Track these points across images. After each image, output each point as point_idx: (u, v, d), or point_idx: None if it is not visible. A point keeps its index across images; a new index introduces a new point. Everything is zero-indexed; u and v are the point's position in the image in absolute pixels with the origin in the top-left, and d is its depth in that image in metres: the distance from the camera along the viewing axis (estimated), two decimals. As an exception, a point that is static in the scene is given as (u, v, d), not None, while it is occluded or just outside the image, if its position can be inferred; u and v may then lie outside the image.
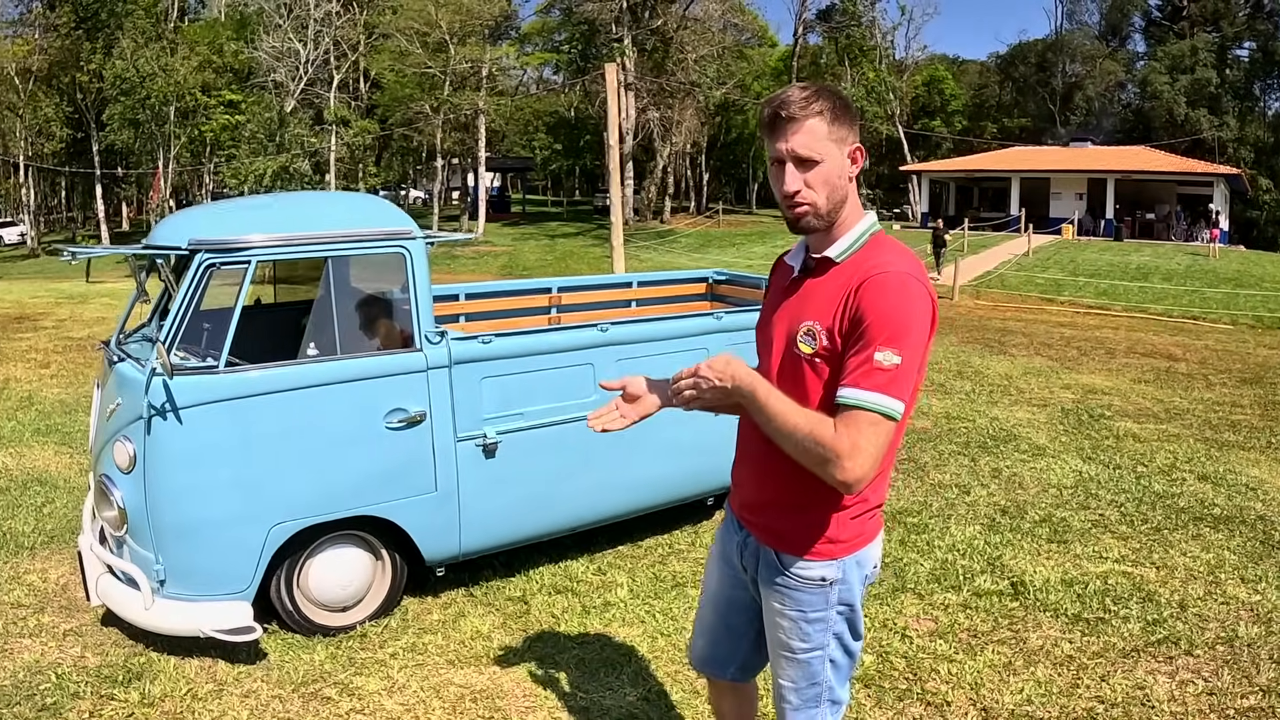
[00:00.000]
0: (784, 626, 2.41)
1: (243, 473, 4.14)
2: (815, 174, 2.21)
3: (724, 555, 2.62)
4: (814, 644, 2.40)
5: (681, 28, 46.68)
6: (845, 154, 2.23)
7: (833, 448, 2.07)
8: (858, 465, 2.07)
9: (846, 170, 2.25)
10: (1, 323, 16.28)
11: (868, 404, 2.08)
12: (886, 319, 2.10)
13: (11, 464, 7.43)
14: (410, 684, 4.06)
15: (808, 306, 2.28)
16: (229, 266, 4.26)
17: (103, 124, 45.95)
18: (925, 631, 4.49)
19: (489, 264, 35.67)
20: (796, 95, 2.20)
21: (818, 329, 2.22)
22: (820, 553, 2.34)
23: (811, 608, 2.38)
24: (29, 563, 5.42)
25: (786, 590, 2.38)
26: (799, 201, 2.22)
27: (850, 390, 2.10)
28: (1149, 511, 6.17)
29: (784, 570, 2.37)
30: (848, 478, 2.09)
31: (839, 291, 2.21)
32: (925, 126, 59.70)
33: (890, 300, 2.12)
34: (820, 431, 2.09)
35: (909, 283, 2.15)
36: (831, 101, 2.20)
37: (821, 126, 2.19)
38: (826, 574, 2.35)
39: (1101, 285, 24.43)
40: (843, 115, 2.22)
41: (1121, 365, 12.15)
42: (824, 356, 2.21)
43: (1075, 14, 70.85)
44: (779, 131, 2.20)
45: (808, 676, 2.44)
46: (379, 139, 48.70)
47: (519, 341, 4.78)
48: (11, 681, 4.10)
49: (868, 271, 2.17)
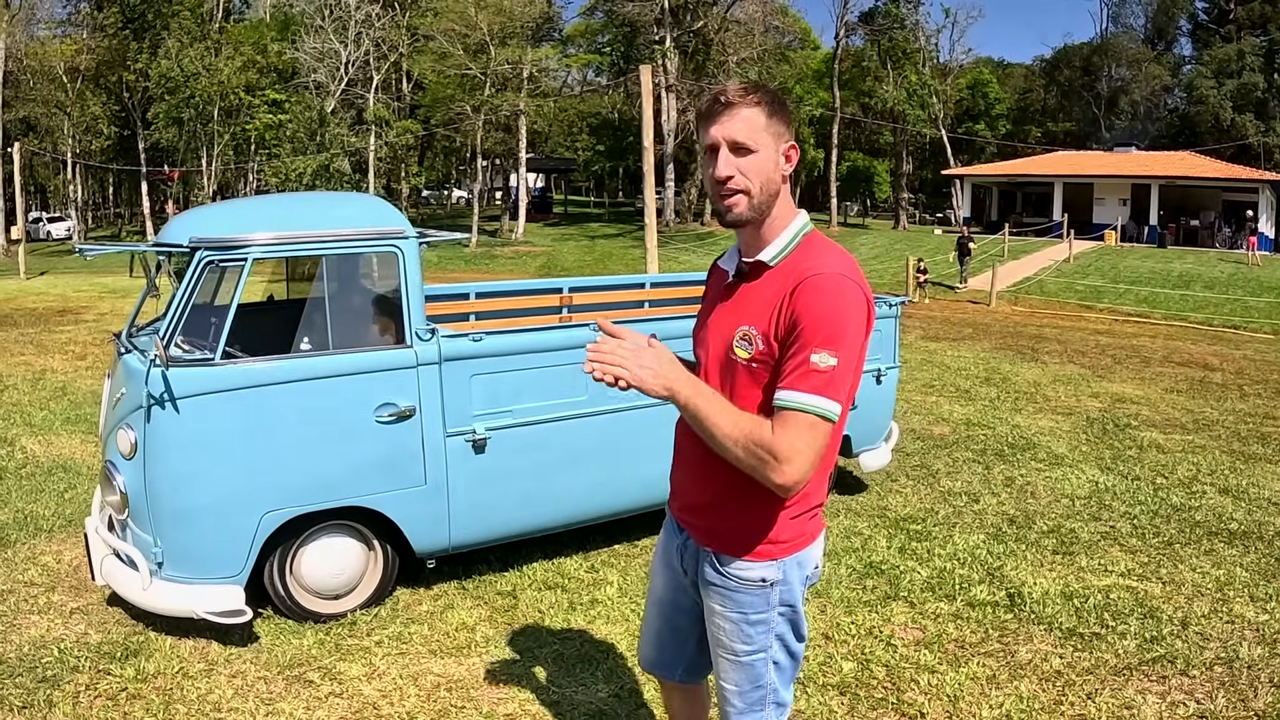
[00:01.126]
0: (725, 629, 2.39)
1: (236, 461, 4.25)
2: (749, 162, 2.19)
3: (666, 558, 2.61)
4: (756, 646, 2.38)
5: (723, 30, 46.64)
6: (780, 150, 2.22)
7: (771, 450, 2.07)
8: (796, 468, 2.07)
9: (780, 166, 2.23)
10: (45, 315, 16.66)
11: (805, 406, 2.07)
12: (821, 321, 2.09)
13: (39, 450, 7.62)
14: (390, 671, 4.14)
15: (743, 311, 2.26)
16: (227, 263, 4.38)
17: (148, 122, 46.77)
18: (911, 640, 4.45)
19: (528, 264, 35.89)
20: (735, 86, 2.19)
21: (754, 334, 2.21)
22: (761, 554, 2.32)
23: (753, 609, 2.36)
24: (46, 544, 5.59)
25: (727, 592, 2.36)
26: (732, 189, 2.20)
27: (787, 393, 2.09)
28: (1162, 525, 6.07)
29: (724, 572, 2.35)
30: (786, 480, 2.08)
31: (774, 296, 2.19)
32: (969, 130, 59.20)
33: (825, 302, 2.11)
34: (758, 434, 2.09)
35: (844, 284, 2.14)
36: (770, 95, 2.20)
37: (759, 117, 2.18)
38: (767, 575, 2.33)
39: (1142, 293, 24.12)
40: (780, 111, 2.21)
41: (1155, 374, 12.00)
42: (760, 361, 2.20)
43: (1121, 17, 70.08)
44: (715, 118, 2.19)
45: (751, 679, 2.42)
46: (421, 139, 49.10)
47: (509, 340, 4.83)
48: (17, 654, 4.26)
49: (802, 274, 2.16)
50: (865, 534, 5.86)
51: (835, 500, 6.52)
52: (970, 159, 57.93)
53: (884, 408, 6.45)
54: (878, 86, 52.60)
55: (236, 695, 3.94)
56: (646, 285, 7.40)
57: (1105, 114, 64.43)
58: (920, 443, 8.14)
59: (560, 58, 53.22)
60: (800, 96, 55.67)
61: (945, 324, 17.66)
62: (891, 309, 6.37)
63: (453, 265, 34.21)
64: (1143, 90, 63.86)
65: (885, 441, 6.57)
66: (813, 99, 56.32)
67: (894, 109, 51.41)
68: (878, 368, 6.27)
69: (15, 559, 5.36)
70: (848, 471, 7.01)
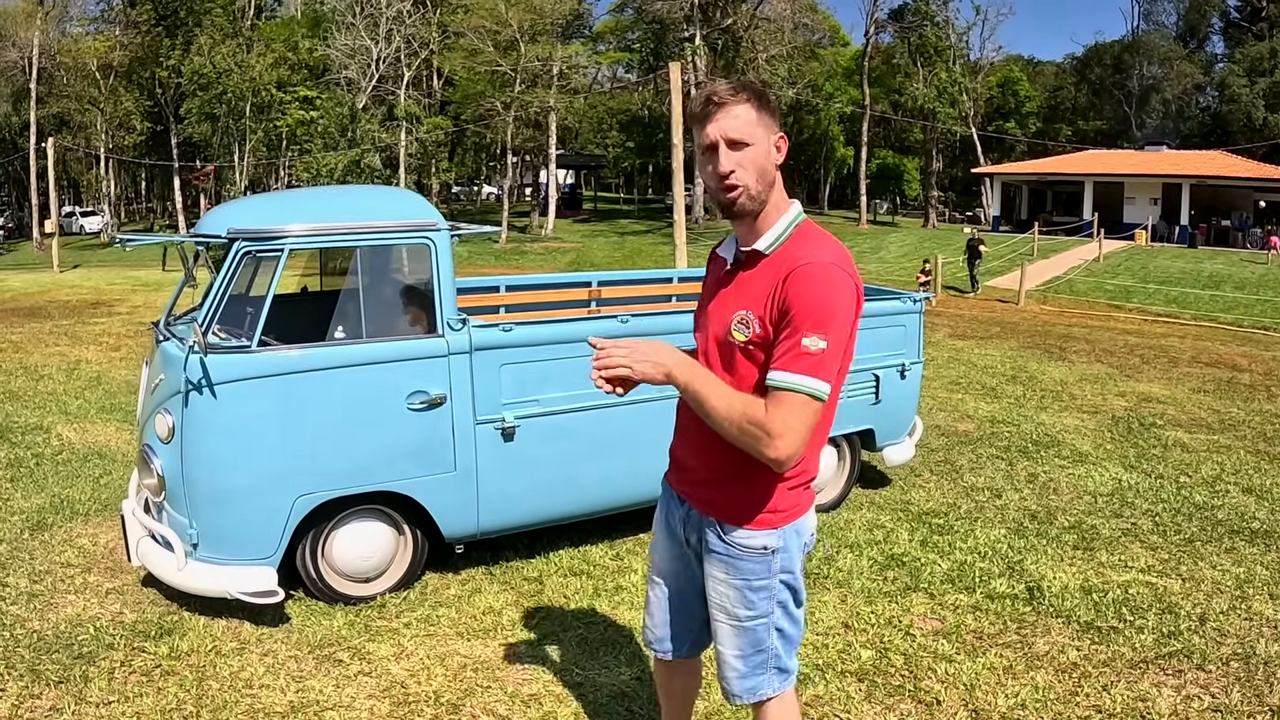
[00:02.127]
0: (729, 595, 2.52)
1: (271, 445, 4.37)
2: (746, 155, 2.32)
3: (668, 530, 2.73)
4: (759, 611, 2.52)
5: (752, 27, 46.59)
6: (771, 142, 2.36)
7: (764, 427, 2.21)
8: (788, 443, 2.21)
9: (773, 157, 2.37)
10: (79, 308, 16.93)
11: (796, 386, 2.21)
12: (812, 307, 2.22)
13: (75, 438, 7.79)
14: (418, 652, 4.24)
15: (741, 297, 2.39)
16: (264, 254, 4.51)
17: (181, 118, 47.24)
18: (930, 630, 4.51)
19: (557, 259, 36.04)
20: (724, 86, 2.33)
21: (751, 318, 2.33)
22: (762, 522, 2.46)
23: (755, 576, 2.49)
24: (82, 527, 5.74)
25: (731, 559, 2.49)
26: (733, 183, 2.32)
27: (780, 373, 2.23)
28: (1184, 523, 6.09)
29: (727, 540, 2.49)
30: (779, 455, 2.22)
31: (769, 282, 2.32)
32: (999, 128, 58.84)
33: (816, 289, 2.24)
34: (752, 412, 2.23)
35: (834, 272, 2.27)
36: (757, 92, 2.34)
37: (750, 113, 2.31)
38: (768, 542, 2.47)
39: (1172, 293, 23.94)
40: (767, 106, 2.35)
41: (1183, 374, 11.95)
42: (757, 344, 2.33)
43: (1152, 15, 69.41)
44: (710, 118, 2.32)
45: (753, 643, 2.55)
46: (452, 135, 49.33)
47: (539, 331, 4.93)
48: (53, 632, 4.39)
49: (795, 262, 2.29)
50: (888, 527, 5.91)
51: (858, 493, 6.57)
52: (1000, 157, 57.55)
53: (908, 403, 6.49)
54: (908, 84, 52.39)
55: (268, 673, 4.05)
56: (674, 280, 7.47)
57: (1136, 112, 63.82)
58: (945, 439, 8.17)
59: (590, 55, 53.34)
60: (830, 94, 55.51)
61: (973, 322, 17.62)
62: (915, 305, 6.42)
63: (483, 260, 34.42)
64: (1174, 88, 63.21)
65: (909, 436, 6.62)
66: (842, 96, 56.16)
67: (924, 106, 51.17)
68: (902, 363, 6.31)
69: (52, 541, 5.51)
70: (871, 465, 7.07)
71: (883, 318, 6.26)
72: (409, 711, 3.78)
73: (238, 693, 3.89)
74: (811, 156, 62.27)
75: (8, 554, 5.31)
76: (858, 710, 3.81)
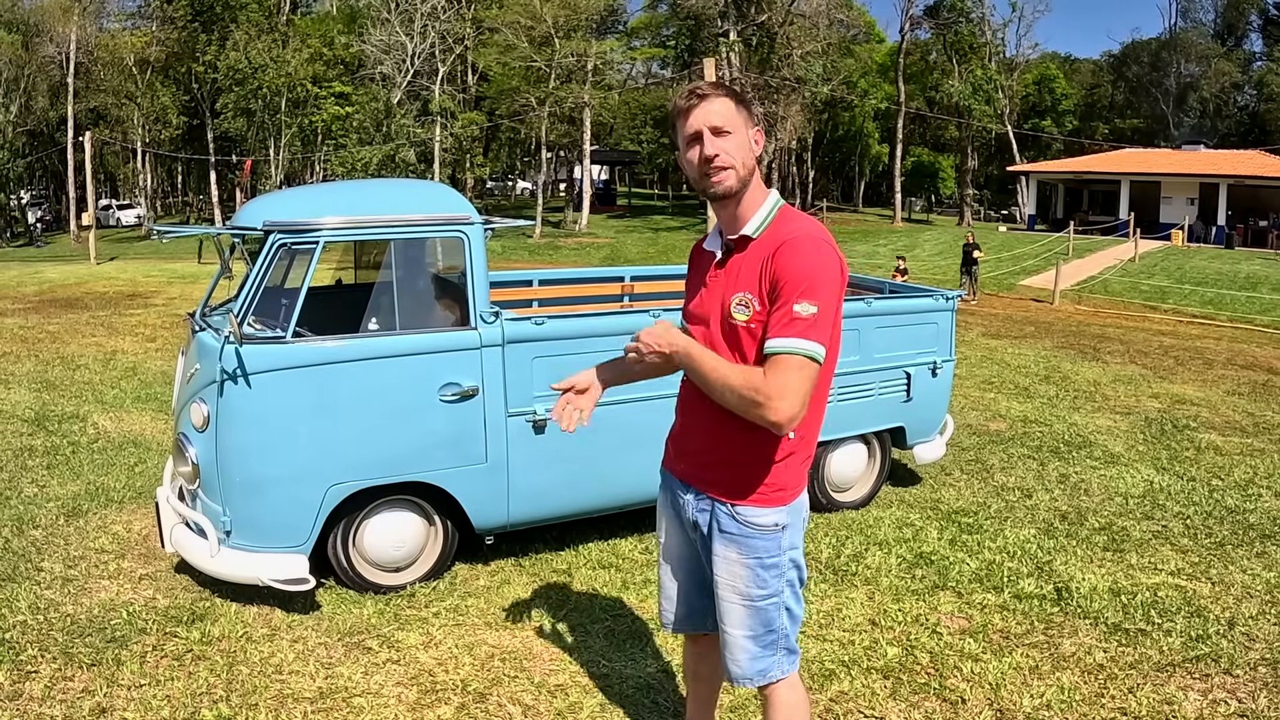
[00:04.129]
0: (742, 575, 2.58)
1: (304, 435, 4.43)
2: (729, 141, 2.46)
3: (675, 517, 2.79)
4: (771, 590, 2.59)
5: (787, 23, 46.38)
6: (750, 134, 2.50)
7: (764, 391, 2.31)
8: (788, 405, 2.31)
9: (753, 148, 2.50)
10: (115, 299, 17.17)
11: (792, 349, 2.32)
12: (800, 275, 2.35)
13: (111, 427, 7.92)
14: (446, 641, 4.29)
15: (736, 280, 2.50)
16: (299, 246, 4.56)
17: (217, 112, 47.58)
18: (956, 629, 4.50)
19: (591, 255, 36.11)
20: (704, 83, 2.54)
21: (749, 298, 2.45)
22: (773, 499, 2.55)
23: (767, 553, 2.57)
24: (117, 514, 5.84)
25: (744, 539, 2.56)
26: (721, 165, 2.45)
27: (775, 340, 2.34)
28: (1215, 526, 6.03)
29: (741, 519, 2.56)
30: (779, 418, 2.32)
31: (759, 261, 2.45)
32: (1035, 126, 58.27)
33: (801, 259, 2.37)
34: (752, 378, 2.33)
35: (818, 243, 2.40)
36: (735, 90, 2.51)
37: (729, 105, 2.47)
38: (779, 519, 2.57)
39: (1208, 294, 23.65)
40: (744, 102, 2.50)
41: (1218, 376, 11.82)
42: (759, 321, 2.43)
43: (1190, 12, 68.37)
44: (692, 111, 2.48)
45: (765, 623, 2.61)
46: (486, 130, 49.49)
47: (571, 324, 4.96)
48: (87, 616, 4.48)
49: (781, 238, 2.43)
50: (917, 525, 5.90)
51: (888, 491, 6.56)
52: (1036, 155, 56.99)
53: (939, 401, 6.47)
54: (943, 81, 52.04)
55: (297, 659, 4.12)
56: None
57: (1174, 111, 63.01)
58: (976, 438, 8.14)
59: (625, 50, 53.29)
60: (865, 90, 55.21)
61: (1007, 321, 17.51)
62: (948, 302, 6.39)
63: (517, 255, 34.52)
64: (1212, 87, 62.35)
65: (940, 434, 6.60)
66: (877, 93, 55.84)
67: (959, 104, 50.79)
68: (933, 361, 6.29)
69: (87, 528, 5.61)
70: (902, 464, 7.05)
71: (915, 315, 6.24)
72: (436, 699, 3.82)
73: (267, 678, 3.96)
74: (846, 154, 61.99)
75: (44, 539, 5.42)
76: (882, 707, 3.82)
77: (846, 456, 6.12)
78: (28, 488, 6.33)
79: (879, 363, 5.99)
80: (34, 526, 5.62)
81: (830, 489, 6.12)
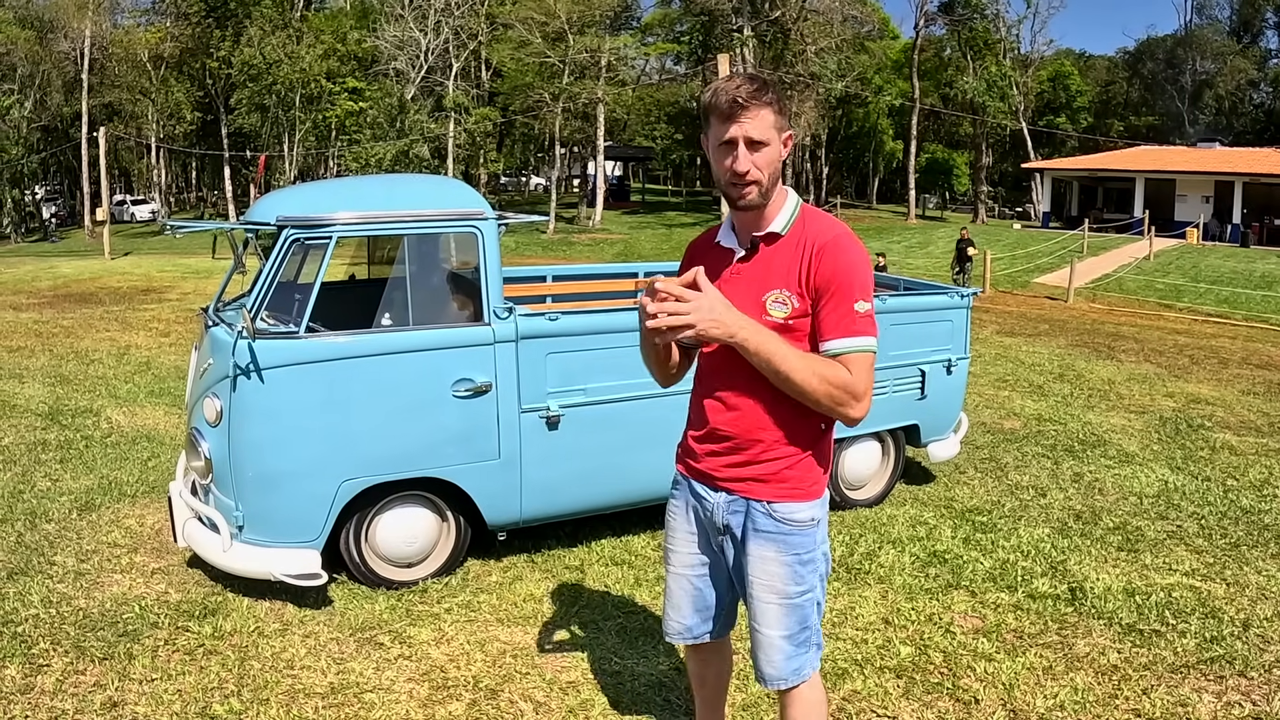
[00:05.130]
0: (779, 574, 2.54)
1: (317, 430, 4.43)
2: (762, 155, 2.41)
3: (694, 522, 2.71)
4: (807, 586, 2.57)
5: (801, 19, 46.26)
6: (782, 140, 2.46)
7: (852, 390, 2.35)
8: (869, 400, 2.39)
9: (782, 154, 2.47)
10: (129, 294, 17.23)
11: (865, 347, 2.37)
12: (852, 274, 2.40)
13: (124, 421, 7.94)
14: (458, 637, 4.29)
15: (768, 278, 2.47)
16: (312, 241, 4.56)
17: (231, 108, 47.79)
18: (970, 629, 4.48)
19: (604, 251, 36.12)
20: (749, 86, 2.39)
21: (787, 295, 2.43)
22: (808, 493, 2.54)
23: (804, 549, 2.55)
24: (129, 509, 5.85)
25: (782, 536, 2.53)
26: (749, 180, 2.41)
27: (846, 339, 2.37)
28: (1230, 527, 5.99)
29: (778, 517, 2.53)
30: (862, 414, 2.38)
31: (794, 259, 2.44)
32: (1050, 123, 58.02)
33: (849, 259, 2.41)
34: (838, 377, 2.34)
35: (855, 241, 2.46)
36: (778, 94, 2.44)
37: (770, 116, 2.41)
38: (815, 514, 2.56)
39: (1223, 293, 23.50)
40: (784, 108, 2.46)
41: (1233, 376, 11.74)
42: (797, 318, 2.42)
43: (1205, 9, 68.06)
44: (734, 117, 2.38)
45: (800, 620, 2.58)
46: (500, 126, 49.52)
47: (584, 320, 4.96)
48: (99, 610, 4.49)
49: (819, 237, 2.44)
50: (931, 523, 5.88)
51: (902, 489, 6.54)
52: (1051, 152, 56.78)
53: (954, 398, 6.44)
54: (958, 77, 51.82)
55: (309, 654, 4.12)
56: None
57: (1189, 108, 62.67)
58: (990, 436, 8.11)
59: (638, 46, 53.21)
60: (879, 87, 55.03)
61: (1021, 319, 17.43)
62: (963, 300, 6.36)
63: (530, 251, 34.56)
64: (1228, 84, 62.00)
65: (954, 432, 6.57)
66: (892, 89, 55.65)
67: (974, 100, 50.59)
68: (948, 358, 6.26)
69: (100, 522, 5.62)
70: (916, 461, 7.03)
71: (930, 312, 6.22)
72: (448, 695, 3.82)
73: (279, 673, 3.96)
74: (860, 150, 61.83)
75: (56, 533, 5.44)
76: (895, 706, 3.80)
77: (861, 454, 6.10)
78: (41, 481, 6.35)
79: (893, 360, 5.96)
80: (47, 520, 5.64)
81: (844, 486, 6.10)
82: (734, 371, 2.47)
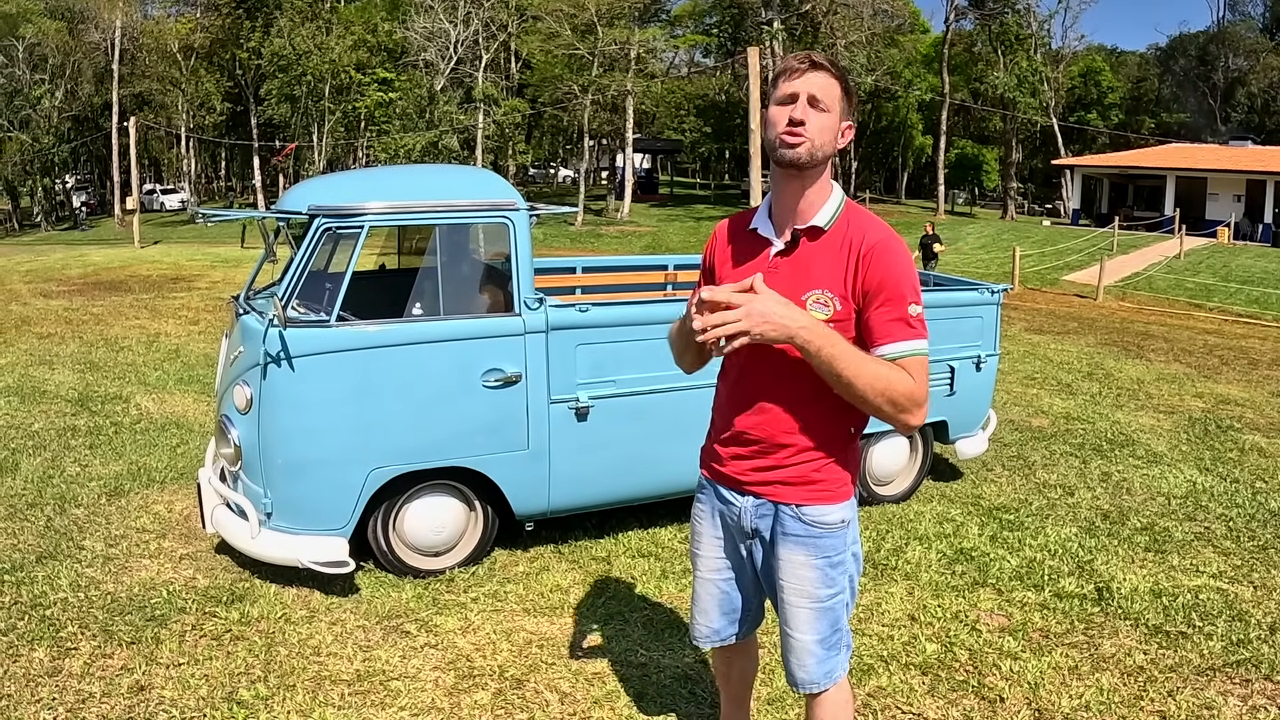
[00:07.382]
0: (810, 577, 2.50)
1: (346, 419, 4.45)
2: (821, 117, 2.31)
3: (719, 526, 2.66)
4: (838, 588, 2.54)
5: (831, 12, 46.07)
6: (842, 122, 2.37)
7: (915, 398, 2.29)
8: (927, 405, 2.34)
9: (839, 133, 2.37)
10: (159, 283, 17.37)
11: (919, 350, 2.32)
12: (904, 278, 2.34)
13: (153, 408, 8.01)
14: (484, 626, 4.32)
15: (810, 275, 2.37)
16: (344, 231, 4.58)
17: (260, 99, 48.06)
18: (996, 627, 4.46)
19: (633, 243, 36.15)
20: (820, 55, 2.37)
21: (829, 296, 2.34)
22: (839, 495, 2.49)
23: (835, 551, 2.50)
24: (158, 495, 5.91)
25: (813, 540, 2.48)
26: (802, 133, 2.30)
27: (901, 344, 2.31)
28: (1259, 529, 5.93)
29: (808, 520, 2.47)
30: (920, 420, 2.32)
31: (839, 259, 2.36)
32: (1081, 119, 57.49)
33: (900, 263, 2.34)
34: (902, 384, 2.27)
35: (902, 244, 2.40)
36: (847, 78, 2.38)
37: (836, 87, 2.34)
38: (845, 515, 2.51)
39: (1254, 293, 23.23)
40: (850, 93, 2.38)
41: (1263, 377, 11.61)
42: (839, 321, 2.33)
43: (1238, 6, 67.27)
44: (800, 74, 2.32)
45: (831, 623, 2.55)
46: (529, 118, 49.59)
47: (615, 312, 4.96)
48: (127, 594, 4.55)
49: (864, 238, 2.35)
50: (958, 520, 5.86)
51: (929, 486, 6.51)
52: (1081, 149, 56.31)
53: (982, 395, 6.41)
54: (988, 72, 51.42)
55: (335, 641, 4.15)
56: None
57: (1221, 105, 61.96)
58: (1018, 434, 8.06)
59: (668, 39, 53.16)
60: (909, 81, 54.71)
61: (1050, 317, 17.31)
62: (994, 296, 6.33)
63: (559, 243, 34.61)
64: (1260, 82, 61.21)
65: (983, 429, 6.54)
66: (921, 84, 55.32)
67: (1004, 96, 50.18)
68: (977, 355, 6.23)
69: (129, 507, 5.68)
70: (943, 458, 7.00)
71: (960, 309, 6.19)
72: (474, 684, 3.84)
73: (305, 659, 3.99)
74: (889, 145, 61.42)
75: (85, 518, 5.50)
76: (920, 703, 3.79)
77: (888, 450, 6.08)
78: (70, 467, 6.42)
79: (923, 356, 5.93)
80: (76, 505, 5.70)
81: (871, 482, 6.09)
82: (760, 372, 2.41)
